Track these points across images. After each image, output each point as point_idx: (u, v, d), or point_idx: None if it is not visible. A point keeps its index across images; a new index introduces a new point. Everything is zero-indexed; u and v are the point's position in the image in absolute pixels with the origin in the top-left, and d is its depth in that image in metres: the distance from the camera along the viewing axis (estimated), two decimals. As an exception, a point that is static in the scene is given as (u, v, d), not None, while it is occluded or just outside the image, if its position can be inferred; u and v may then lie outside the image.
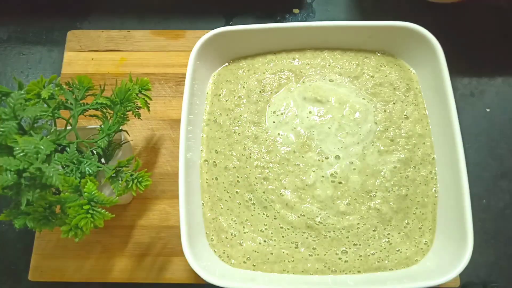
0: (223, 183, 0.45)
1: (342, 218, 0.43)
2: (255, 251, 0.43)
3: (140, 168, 0.38)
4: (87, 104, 0.40)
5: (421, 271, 0.41)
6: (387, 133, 0.46)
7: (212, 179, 0.46)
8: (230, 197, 0.45)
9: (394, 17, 0.46)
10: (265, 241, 0.43)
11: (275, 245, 0.43)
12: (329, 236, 0.43)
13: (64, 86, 0.40)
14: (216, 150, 0.46)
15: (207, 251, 0.43)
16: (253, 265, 0.42)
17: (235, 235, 0.44)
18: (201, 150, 0.46)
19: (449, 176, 0.42)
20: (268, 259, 0.43)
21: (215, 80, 0.49)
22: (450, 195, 0.42)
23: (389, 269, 0.42)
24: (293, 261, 0.42)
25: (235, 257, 0.43)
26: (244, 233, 0.44)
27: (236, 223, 0.44)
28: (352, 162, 0.44)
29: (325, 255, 0.42)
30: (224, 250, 0.43)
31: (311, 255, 0.43)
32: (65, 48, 0.55)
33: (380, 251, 0.42)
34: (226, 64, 0.50)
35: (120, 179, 0.37)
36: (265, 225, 0.44)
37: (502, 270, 0.47)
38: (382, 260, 0.42)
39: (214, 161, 0.46)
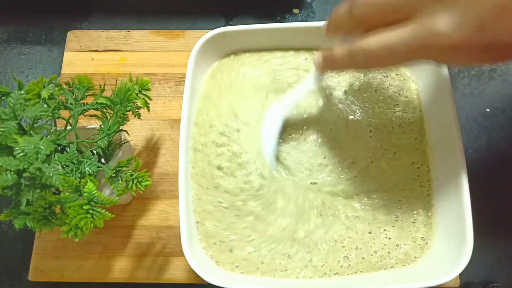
0: (204, 178, 0.43)
1: (326, 230, 0.42)
2: (245, 260, 0.41)
3: (140, 168, 0.38)
4: (87, 104, 0.40)
5: (420, 271, 0.41)
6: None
7: (196, 174, 0.43)
8: (208, 198, 0.42)
9: (394, 17, 0.46)
10: (255, 251, 0.41)
11: (266, 255, 0.41)
12: (323, 249, 0.41)
13: (64, 86, 0.40)
14: (201, 144, 0.44)
15: (205, 251, 0.43)
16: (241, 272, 0.41)
17: (223, 241, 0.41)
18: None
19: (448, 176, 0.42)
20: (258, 268, 0.41)
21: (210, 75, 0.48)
22: (450, 195, 0.42)
23: (390, 267, 0.41)
24: (286, 270, 0.41)
25: (223, 263, 0.41)
26: (231, 240, 0.41)
27: (220, 229, 0.42)
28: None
29: (322, 266, 0.41)
30: (212, 255, 0.42)
31: (307, 266, 0.41)
32: (65, 48, 0.55)
33: (382, 248, 0.42)
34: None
35: (120, 179, 0.37)
36: (249, 236, 0.42)
37: (502, 270, 0.47)
38: (384, 258, 0.42)
39: (198, 153, 0.44)
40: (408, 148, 0.45)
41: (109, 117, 0.41)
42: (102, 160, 0.42)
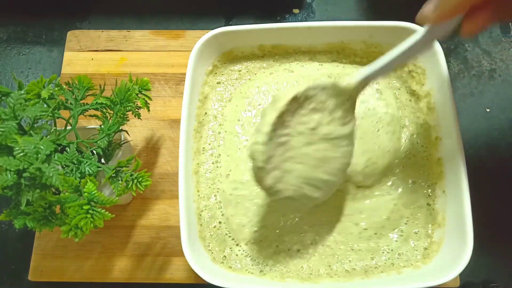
0: (208, 164, 0.45)
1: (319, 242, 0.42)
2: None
3: (140, 168, 0.38)
4: (87, 104, 0.40)
5: (420, 271, 0.41)
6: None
7: (197, 164, 0.45)
8: (210, 170, 0.44)
9: (394, 17, 0.46)
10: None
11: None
12: (315, 255, 0.42)
13: (64, 86, 0.40)
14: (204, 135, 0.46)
15: (205, 251, 0.43)
16: (239, 267, 0.42)
17: (221, 222, 0.43)
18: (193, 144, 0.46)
19: (449, 177, 0.42)
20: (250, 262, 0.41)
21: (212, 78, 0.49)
22: (450, 195, 0.42)
23: (391, 270, 0.41)
24: (264, 273, 0.41)
25: (218, 256, 0.42)
26: (226, 219, 0.43)
27: (221, 206, 0.43)
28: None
29: (311, 269, 0.41)
30: (210, 245, 0.42)
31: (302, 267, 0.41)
32: (65, 48, 0.55)
33: (384, 263, 0.42)
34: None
35: (120, 179, 0.37)
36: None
37: (502, 270, 0.47)
38: (384, 271, 0.41)
39: (203, 147, 0.46)
40: (419, 150, 0.45)
41: (109, 117, 0.41)
42: (102, 160, 0.42)
